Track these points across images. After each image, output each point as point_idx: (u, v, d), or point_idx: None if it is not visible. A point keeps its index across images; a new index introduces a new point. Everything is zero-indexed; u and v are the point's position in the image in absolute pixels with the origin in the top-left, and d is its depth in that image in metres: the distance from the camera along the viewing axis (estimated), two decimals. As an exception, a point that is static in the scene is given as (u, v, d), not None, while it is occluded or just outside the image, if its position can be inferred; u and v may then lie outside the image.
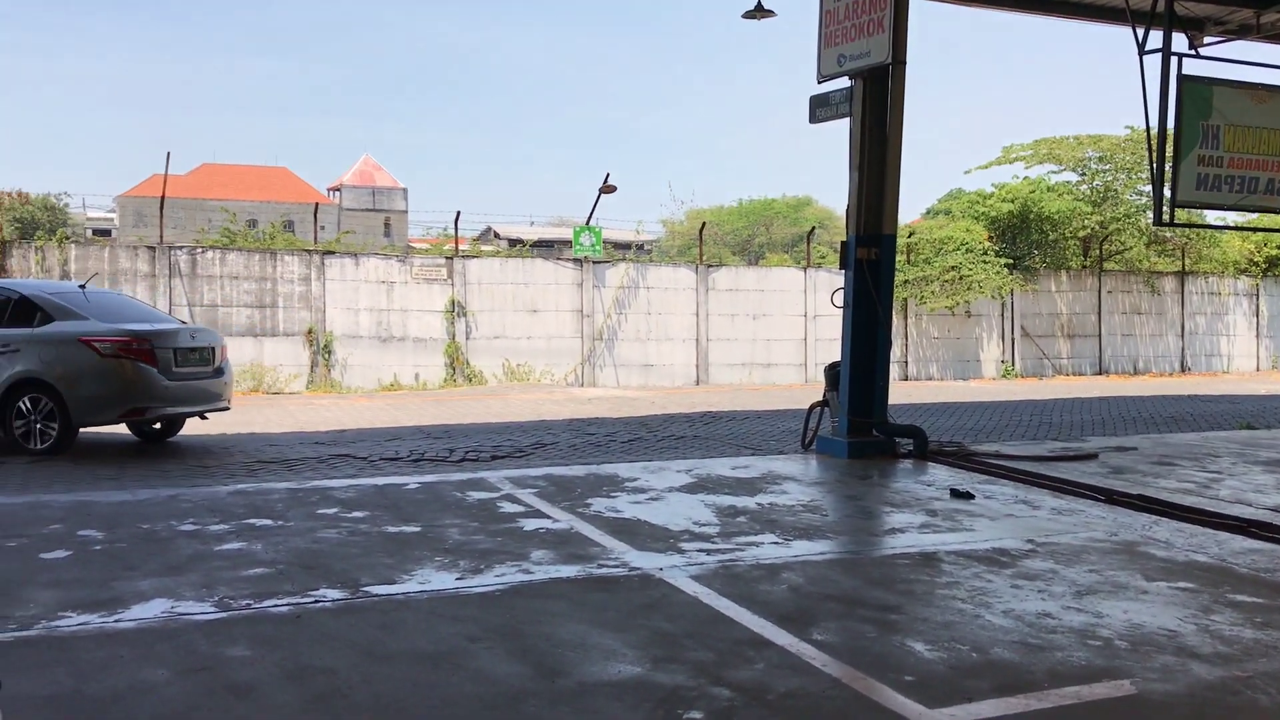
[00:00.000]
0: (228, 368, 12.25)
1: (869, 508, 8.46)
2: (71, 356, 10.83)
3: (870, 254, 10.82)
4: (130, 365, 10.86)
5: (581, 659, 4.66)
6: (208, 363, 11.80)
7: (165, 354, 11.11)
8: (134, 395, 10.90)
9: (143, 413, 11.10)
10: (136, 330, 11.08)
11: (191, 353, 11.52)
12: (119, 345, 10.87)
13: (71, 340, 10.87)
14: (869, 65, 10.61)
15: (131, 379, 10.85)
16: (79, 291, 11.89)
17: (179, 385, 11.25)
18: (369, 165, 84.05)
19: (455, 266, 22.42)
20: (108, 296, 12.57)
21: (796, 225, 59.98)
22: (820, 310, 25.21)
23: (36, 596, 5.46)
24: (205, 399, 11.74)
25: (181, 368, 11.31)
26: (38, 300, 11.21)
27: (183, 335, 11.53)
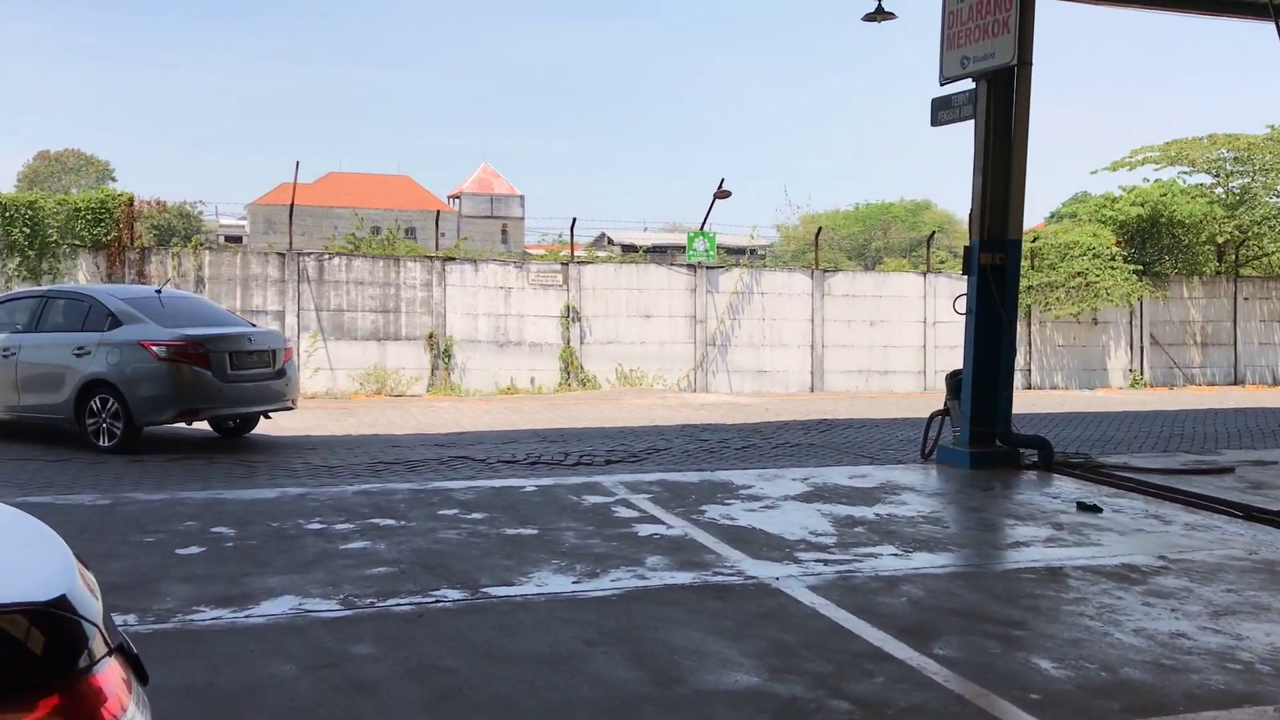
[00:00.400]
0: (291, 369, 12.56)
1: (992, 520, 8.26)
2: (133, 359, 11.31)
3: (994, 259, 10.57)
4: (185, 368, 11.27)
5: (698, 666, 4.65)
6: (268, 364, 12.11)
7: (219, 357, 11.50)
8: (188, 397, 11.34)
9: (197, 413, 11.62)
10: (191, 335, 11.48)
11: (249, 355, 11.89)
12: (174, 349, 11.29)
13: (133, 344, 11.34)
14: (993, 67, 10.37)
15: (186, 381, 11.28)
16: (154, 297, 12.37)
17: (234, 387, 11.64)
18: (487, 173, 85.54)
19: (570, 272, 22.65)
20: (182, 301, 13.07)
21: (915, 229, 58.94)
22: (940, 316, 24.72)
23: (173, 591, 5.69)
24: (265, 399, 12.14)
25: (238, 370, 11.68)
26: (109, 305, 11.77)
27: (239, 339, 11.92)
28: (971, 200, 10.83)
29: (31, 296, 12.75)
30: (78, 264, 19.45)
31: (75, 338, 11.71)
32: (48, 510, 7.79)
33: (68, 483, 9.34)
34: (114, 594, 5.51)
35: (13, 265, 18.92)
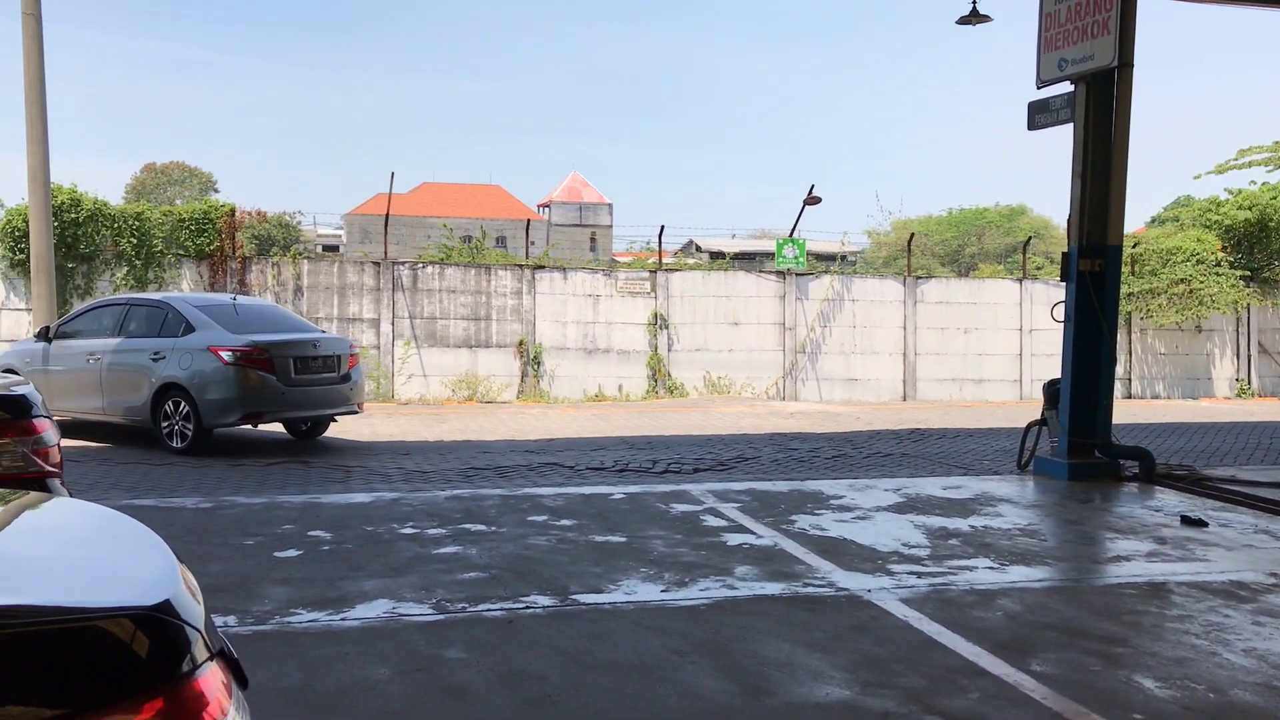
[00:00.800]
0: (357, 374, 12.90)
1: (1091, 533, 8.04)
2: (202, 364, 11.75)
3: (1093, 266, 10.31)
4: (250, 372, 11.67)
5: (788, 679, 4.60)
6: (333, 370, 12.49)
7: (284, 362, 11.89)
8: (253, 400, 11.74)
9: (260, 416, 11.98)
10: (257, 340, 11.86)
11: (314, 360, 12.26)
12: (240, 354, 11.70)
13: (203, 349, 11.81)
14: (1092, 69, 10.13)
15: (251, 385, 11.68)
16: (228, 304, 12.84)
17: (299, 391, 12.03)
18: (577, 182, 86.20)
19: (658, 280, 22.68)
20: (256, 309, 13.48)
21: (1010, 235, 57.80)
22: (1037, 324, 24.18)
23: (271, 593, 5.82)
24: (329, 403, 12.52)
25: (303, 374, 12.08)
26: (184, 312, 12.29)
27: (303, 345, 12.26)
28: (1070, 205, 10.59)
29: (115, 304, 13.34)
30: (182, 273, 20.06)
31: (152, 343, 12.26)
32: (153, 512, 8.04)
33: (172, 485, 9.63)
34: (215, 596, 5.66)
35: (120, 274, 19.58)
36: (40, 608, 1.58)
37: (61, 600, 1.62)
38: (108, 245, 19.56)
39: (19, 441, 3.84)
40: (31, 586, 1.71)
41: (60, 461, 4.05)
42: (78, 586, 1.74)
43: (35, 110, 15.60)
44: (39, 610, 1.57)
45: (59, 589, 1.71)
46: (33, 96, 15.55)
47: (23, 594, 1.64)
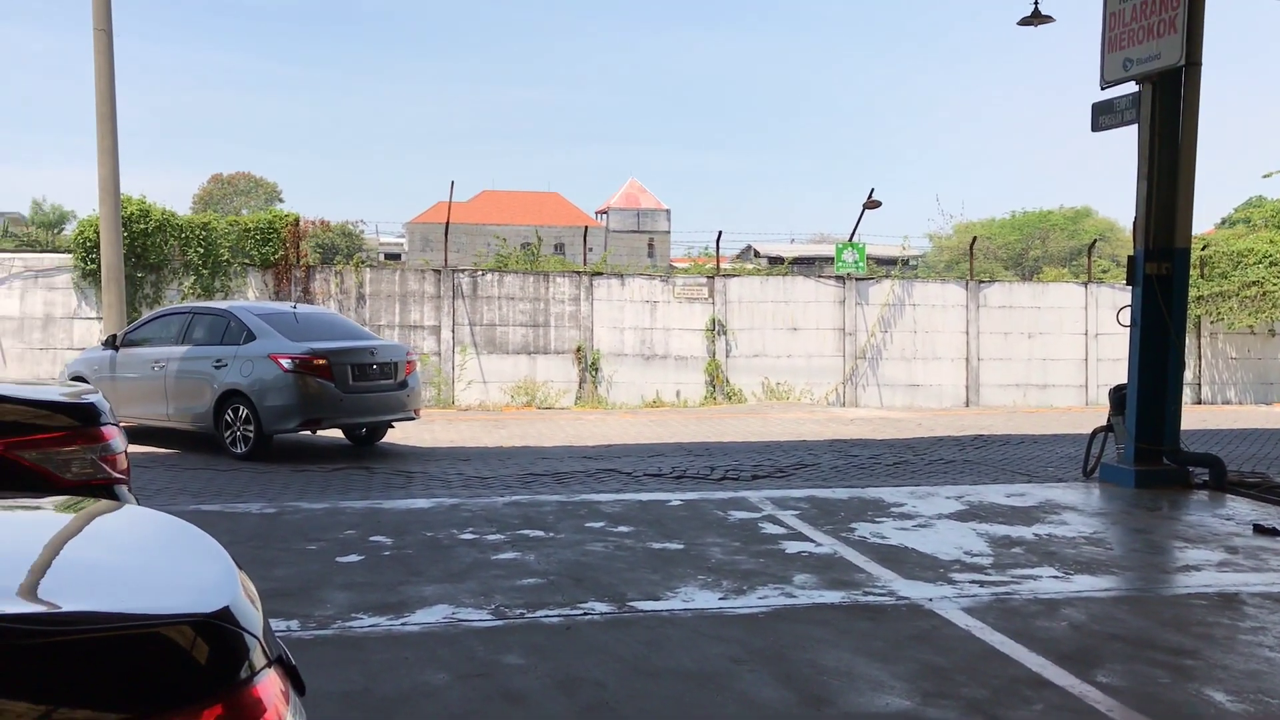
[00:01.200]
0: (413, 381, 13.03)
1: (1159, 542, 7.87)
2: (263, 371, 11.98)
3: (1160, 269, 10.10)
4: (309, 380, 11.86)
5: (847, 688, 4.56)
6: (390, 376, 12.64)
7: (342, 369, 12.06)
8: (311, 407, 11.90)
9: (319, 422, 12.10)
10: (315, 348, 12.05)
11: (371, 368, 12.43)
12: (299, 361, 11.89)
13: (263, 357, 12.04)
14: (1158, 69, 9.93)
15: (310, 392, 11.86)
16: (289, 312, 13.12)
17: (356, 398, 12.21)
18: (634, 188, 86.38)
19: (716, 285, 22.63)
20: (316, 316, 13.73)
21: (1075, 238, 56.90)
22: (1102, 328, 23.76)
23: (333, 598, 5.89)
24: (386, 410, 12.70)
25: (359, 382, 12.25)
26: (245, 321, 12.55)
27: (361, 352, 12.44)
28: (1135, 208, 10.38)
29: (179, 313, 13.66)
30: (247, 282, 20.42)
31: (215, 351, 12.54)
32: (218, 517, 8.19)
33: (237, 491, 9.79)
34: (279, 600, 5.75)
35: (188, 283, 19.98)
36: (104, 614, 1.61)
37: (124, 607, 1.66)
38: (175, 255, 19.98)
39: (88, 449, 3.93)
40: (96, 593, 1.74)
41: (127, 468, 4.14)
42: (140, 593, 1.77)
43: (106, 124, 15.97)
44: (103, 616, 1.60)
45: (122, 595, 1.75)
46: (104, 110, 15.93)
47: (88, 600, 1.68)
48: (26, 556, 1.91)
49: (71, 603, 1.66)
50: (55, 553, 1.97)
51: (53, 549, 2.00)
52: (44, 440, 3.84)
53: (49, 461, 3.83)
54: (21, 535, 2.18)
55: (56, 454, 3.86)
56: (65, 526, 2.27)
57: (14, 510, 2.49)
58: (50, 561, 1.89)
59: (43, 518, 2.42)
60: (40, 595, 1.69)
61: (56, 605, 1.65)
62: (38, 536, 2.15)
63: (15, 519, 2.38)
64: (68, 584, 1.78)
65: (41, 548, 2.01)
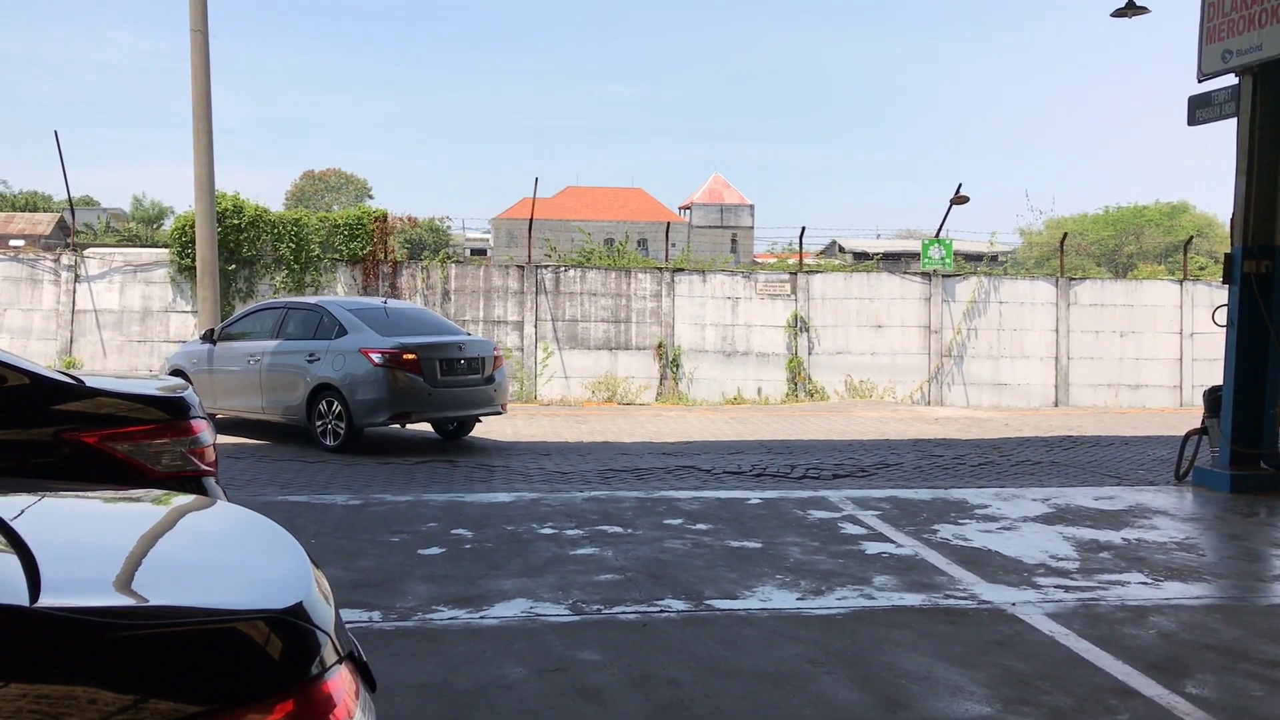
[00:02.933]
0: (500, 376, 13.16)
1: (1254, 549, 7.62)
2: (354, 365, 12.12)
3: (1259, 267, 9.77)
4: (399, 374, 11.99)
5: (926, 693, 4.50)
6: (477, 371, 12.75)
7: (430, 364, 12.19)
8: (400, 401, 12.03)
9: (408, 416, 12.24)
10: (405, 343, 12.18)
11: (459, 363, 12.53)
12: (389, 356, 12.01)
13: (354, 351, 12.19)
14: (1260, 59, 9.59)
15: (399, 386, 11.99)
16: (380, 307, 13.29)
17: (444, 392, 12.32)
18: (718, 183, 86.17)
19: (798, 282, 22.47)
20: (406, 311, 13.86)
21: (1171, 234, 55.36)
22: (1198, 327, 23.07)
23: (414, 590, 5.98)
24: (474, 404, 12.81)
25: (448, 376, 12.37)
26: (337, 315, 12.73)
27: (449, 347, 12.54)
28: (1234, 204, 10.06)
29: (274, 308, 13.92)
30: (336, 277, 20.84)
31: (308, 345, 12.75)
32: (305, 509, 8.37)
33: (324, 483, 10.00)
34: (361, 591, 5.86)
35: (279, 278, 20.46)
36: (182, 608, 1.67)
37: (202, 601, 1.70)
38: (268, 250, 20.48)
39: (177, 441, 4.04)
40: (175, 588, 1.80)
41: (215, 460, 4.26)
42: (218, 588, 1.82)
43: (201, 123, 16.41)
44: (181, 611, 1.65)
45: (200, 590, 1.80)
46: (199, 109, 16.37)
47: (166, 595, 1.73)
48: (115, 550, 1.98)
49: (154, 597, 1.71)
50: (142, 547, 2.04)
51: (138, 543, 2.06)
52: (136, 433, 3.97)
53: (140, 453, 3.96)
54: (110, 529, 2.26)
55: (148, 446, 3.98)
56: (150, 521, 2.35)
57: (103, 503, 2.58)
58: (134, 555, 1.95)
59: (130, 511, 2.51)
60: (126, 588, 1.75)
61: (142, 599, 1.71)
62: (125, 530, 2.23)
63: (104, 511, 2.46)
64: (151, 578, 1.84)
65: (128, 541, 2.08)
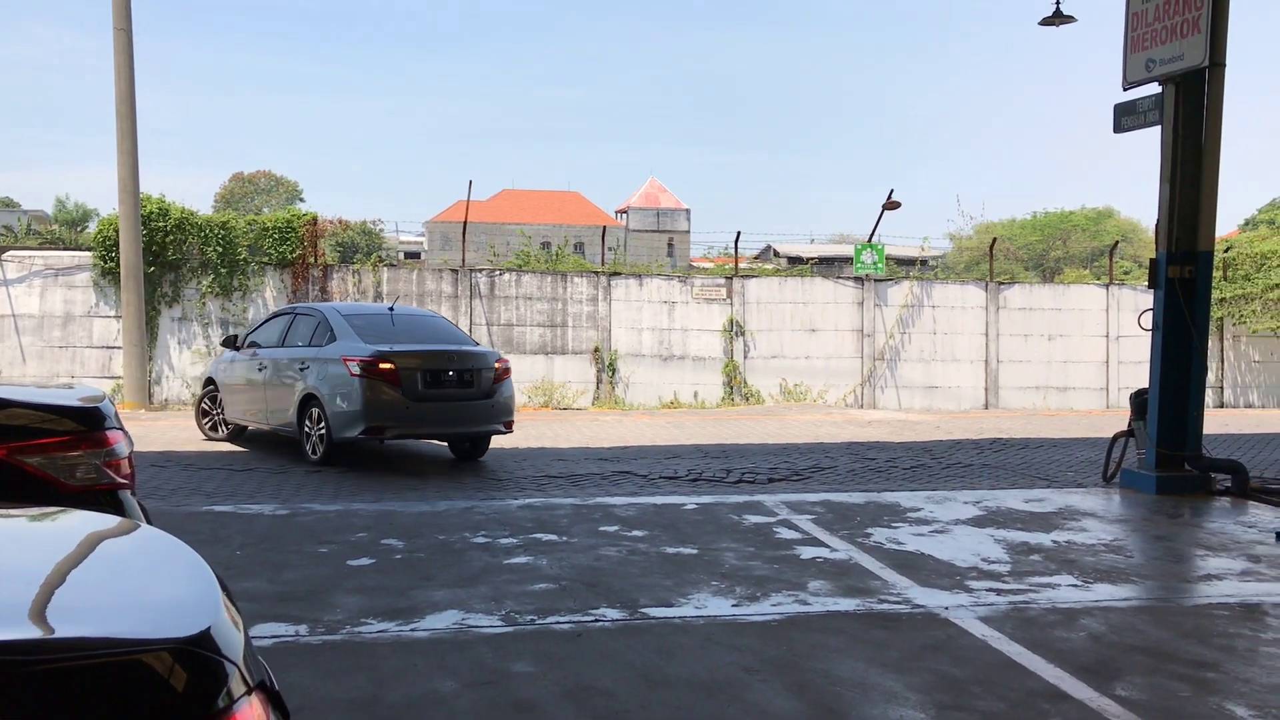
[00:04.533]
0: (504, 390, 11.83)
1: (1180, 550, 7.75)
2: (334, 374, 11.26)
3: (1183, 273, 9.97)
4: (374, 384, 10.95)
5: (861, 699, 4.49)
6: (471, 384, 11.51)
7: (410, 375, 11.09)
8: (374, 414, 10.98)
9: (382, 431, 11.12)
10: (382, 351, 11.13)
11: (446, 374, 11.38)
12: (364, 365, 11.01)
13: (337, 359, 11.29)
14: (1182, 69, 9.80)
15: (373, 398, 10.95)
16: (382, 314, 12.49)
17: (426, 407, 11.23)
18: (654, 187, 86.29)
19: (734, 286, 22.55)
20: (413, 318, 13.02)
21: (1097, 239, 56.56)
22: (1124, 330, 23.55)
23: (342, 602, 5.85)
24: (463, 422, 11.60)
25: (433, 388, 11.26)
26: (331, 321, 11.94)
27: (436, 357, 11.43)
28: (1158, 210, 10.27)
29: (284, 314, 13.25)
30: (265, 281, 20.45)
31: (302, 353, 11.99)
32: (231, 519, 8.17)
33: (251, 492, 9.78)
34: (288, 603, 5.72)
35: (206, 282, 20.03)
36: (77, 640, 1.56)
37: (97, 631, 1.60)
38: (194, 253, 20.03)
39: (92, 454, 3.89)
40: (70, 617, 1.69)
41: (131, 473, 4.10)
42: (113, 617, 1.72)
43: (125, 123, 16.03)
44: (76, 643, 1.55)
45: (95, 619, 1.69)
46: (123, 109, 15.99)
47: (60, 625, 1.62)
48: (6, 576, 1.87)
49: (46, 628, 1.61)
50: (37, 571, 1.92)
51: (32, 567, 1.95)
52: (48, 445, 3.81)
53: (53, 467, 3.80)
54: (3, 551, 2.14)
55: (61, 459, 3.82)
56: (46, 543, 2.23)
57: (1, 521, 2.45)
58: (27, 581, 1.84)
59: (25, 531, 2.38)
60: (19, 619, 1.64)
61: (33, 630, 1.60)
62: (16, 554, 2.11)
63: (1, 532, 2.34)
64: (44, 606, 1.73)
65: (21, 566, 1.96)
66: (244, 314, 20.24)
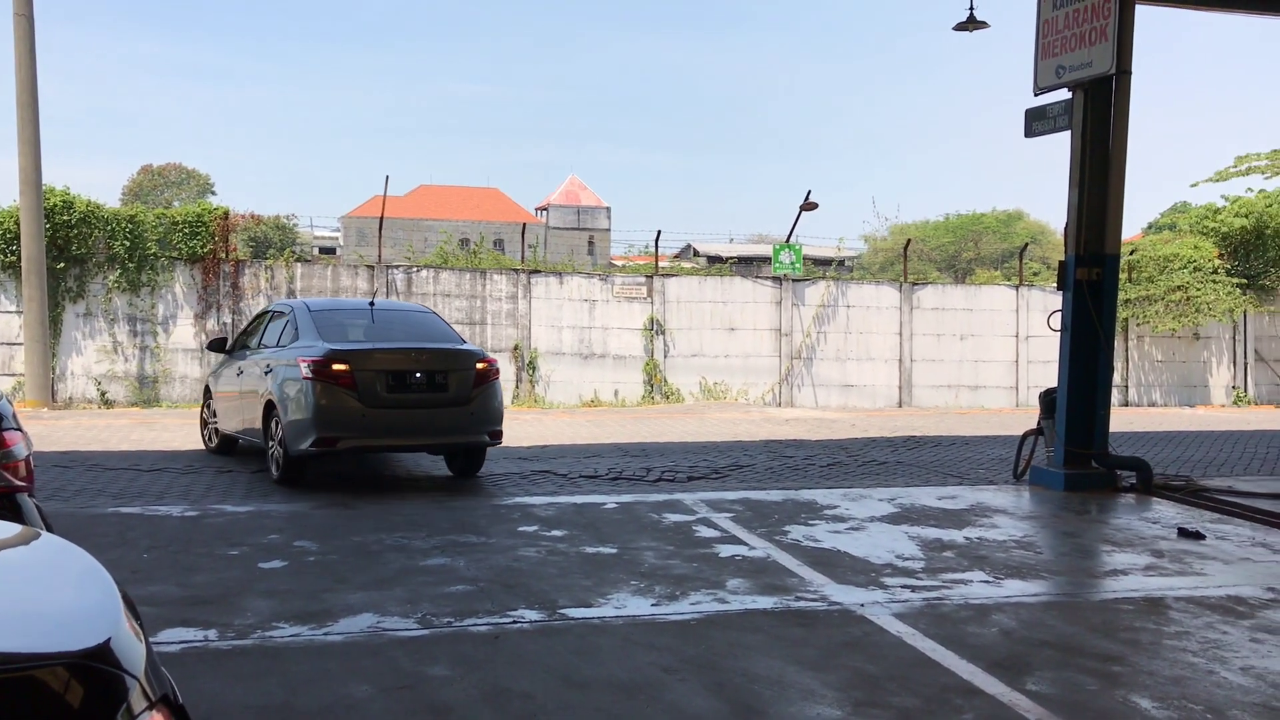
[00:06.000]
0: (488, 396, 10.18)
1: (1087, 546, 7.95)
2: (288, 378, 9.89)
3: (1091, 275, 10.23)
4: (325, 388, 9.48)
5: (778, 697, 4.51)
6: (443, 389, 9.93)
7: (368, 377, 9.59)
8: (325, 423, 9.48)
9: (333, 443, 9.53)
10: (335, 350, 9.70)
11: (413, 376, 9.83)
12: (315, 365, 9.56)
13: (293, 360, 9.88)
14: (1090, 76, 10.05)
15: (322, 403, 9.48)
16: (361, 308, 11.26)
17: (386, 414, 9.65)
18: (574, 185, 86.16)
19: (655, 285, 22.60)
20: (399, 315, 11.71)
21: (1007, 240, 57.86)
22: (1034, 331, 24.11)
23: (254, 606, 5.71)
24: (431, 431, 9.96)
25: (395, 394, 9.70)
26: (300, 318, 10.61)
27: (399, 356, 9.93)
28: (1067, 213, 10.51)
29: (264, 313, 11.95)
30: (175, 276, 19.95)
31: (269, 355, 10.66)
32: (138, 520, 7.95)
33: (159, 493, 9.52)
34: (197, 608, 5.58)
35: (113, 277, 19.47)
36: None
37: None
38: (101, 248, 19.46)
39: (-13, 456, 3.74)
40: None
41: (30, 475, 3.95)
42: (7, 630, 1.64)
43: (27, 112, 15.51)
44: None
45: None
46: (24, 98, 15.46)
47: None
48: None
49: None
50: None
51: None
52: (-59, 448, 3.65)
53: (-55, 470, 3.65)
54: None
55: (-46, 462, 3.67)
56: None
57: None
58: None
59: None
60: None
61: None
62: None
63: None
64: None
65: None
66: (152, 310, 19.73)
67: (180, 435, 13.92)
